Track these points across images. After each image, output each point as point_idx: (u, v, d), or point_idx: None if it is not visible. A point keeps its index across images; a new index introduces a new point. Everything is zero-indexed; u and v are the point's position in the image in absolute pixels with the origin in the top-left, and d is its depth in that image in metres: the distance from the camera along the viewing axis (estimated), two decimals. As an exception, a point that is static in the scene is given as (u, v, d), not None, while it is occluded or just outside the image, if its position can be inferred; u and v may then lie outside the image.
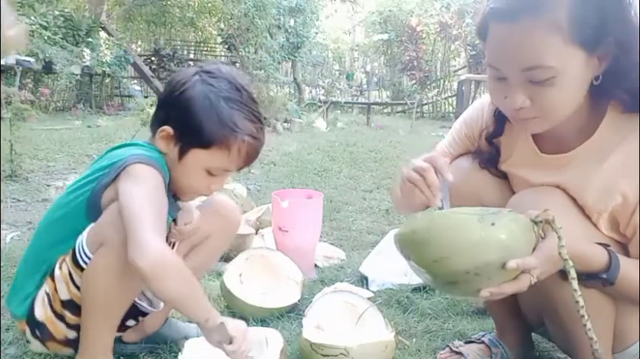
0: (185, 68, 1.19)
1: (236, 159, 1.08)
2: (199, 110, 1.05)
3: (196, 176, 1.10)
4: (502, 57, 0.92)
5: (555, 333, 1.19)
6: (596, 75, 0.92)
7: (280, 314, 1.55)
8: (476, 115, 1.21)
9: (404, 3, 12.62)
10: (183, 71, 1.11)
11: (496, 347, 1.29)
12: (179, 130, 1.07)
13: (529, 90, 0.91)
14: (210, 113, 1.04)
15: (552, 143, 1.06)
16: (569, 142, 1.02)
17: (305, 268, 1.81)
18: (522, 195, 1.06)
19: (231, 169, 1.11)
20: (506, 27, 0.89)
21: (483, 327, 1.50)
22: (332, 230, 2.55)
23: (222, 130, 1.05)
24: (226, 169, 1.11)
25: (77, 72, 7.67)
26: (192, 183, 1.12)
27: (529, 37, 0.86)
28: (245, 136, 1.06)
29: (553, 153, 1.06)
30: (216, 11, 9.84)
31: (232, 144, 1.06)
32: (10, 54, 2.32)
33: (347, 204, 3.11)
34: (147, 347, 1.30)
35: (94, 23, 8.75)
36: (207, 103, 1.05)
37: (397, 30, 12.27)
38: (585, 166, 1.00)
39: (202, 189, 1.14)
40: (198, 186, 1.13)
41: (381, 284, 1.80)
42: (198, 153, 1.07)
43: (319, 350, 1.22)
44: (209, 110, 1.04)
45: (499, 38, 0.91)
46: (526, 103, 0.92)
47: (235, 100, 1.07)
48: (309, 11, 9.51)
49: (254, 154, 1.10)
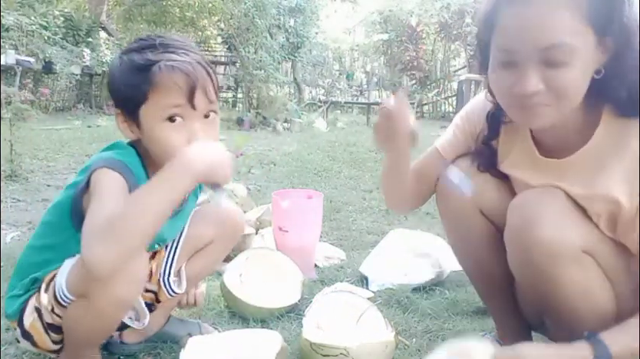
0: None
1: (174, 89, 1.00)
2: (117, 72, 1.04)
3: (162, 133, 1.01)
4: (517, 38, 0.90)
5: (557, 331, 1.19)
6: (598, 68, 0.92)
7: (280, 314, 1.55)
8: (477, 110, 1.20)
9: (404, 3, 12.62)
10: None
11: (496, 347, 1.29)
12: (121, 104, 1.05)
13: (542, 74, 0.90)
14: (125, 68, 1.02)
15: (550, 147, 1.06)
16: (566, 147, 1.02)
17: (305, 268, 1.81)
18: (524, 197, 1.05)
19: (180, 101, 1.00)
20: (522, 7, 0.89)
21: (483, 327, 1.49)
22: (332, 230, 2.55)
23: (141, 74, 1.00)
24: (176, 104, 1.00)
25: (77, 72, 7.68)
26: (167, 145, 1.02)
27: (549, 16, 0.87)
28: (162, 64, 0.99)
29: (551, 156, 1.06)
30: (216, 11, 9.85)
31: (157, 79, 0.99)
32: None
33: (347, 204, 3.11)
34: (148, 346, 1.30)
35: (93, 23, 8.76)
36: (120, 62, 1.04)
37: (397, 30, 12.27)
38: (582, 174, 1.00)
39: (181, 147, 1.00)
40: (175, 146, 1.00)
41: (381, 284, 1.80)
42: (144, 111, 1.02)
43: (319, 350, 1.22)
44: (124, 67, 1.03)
45: (515, 20, 0.90)
46: (540, 87, 0.90)
47: (144, 46, 1.03)
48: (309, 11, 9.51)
49: (187, 76, 1.00)
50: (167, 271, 1.24)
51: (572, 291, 1.00)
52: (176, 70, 1.00)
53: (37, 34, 7.21)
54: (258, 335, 1.27)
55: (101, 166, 1.00)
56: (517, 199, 1.06)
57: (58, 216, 1.09)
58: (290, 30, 9.36)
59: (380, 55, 13.51)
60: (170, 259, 1.24)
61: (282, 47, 8.90)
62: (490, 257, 1.21)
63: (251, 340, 1.23)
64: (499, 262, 1.13)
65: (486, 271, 1.26)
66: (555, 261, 0.98)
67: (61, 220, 1.08)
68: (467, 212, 1.20)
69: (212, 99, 1.05)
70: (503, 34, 0.93)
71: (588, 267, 0.99)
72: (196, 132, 1.02)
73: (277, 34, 8.86)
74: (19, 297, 1.12)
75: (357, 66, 14.41)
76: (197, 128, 1.02)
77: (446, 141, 1.25)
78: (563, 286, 1.00)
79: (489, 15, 0.96)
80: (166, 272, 1.24)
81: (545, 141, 1.07)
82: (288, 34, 9.34)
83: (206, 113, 1.05)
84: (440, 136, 1.29)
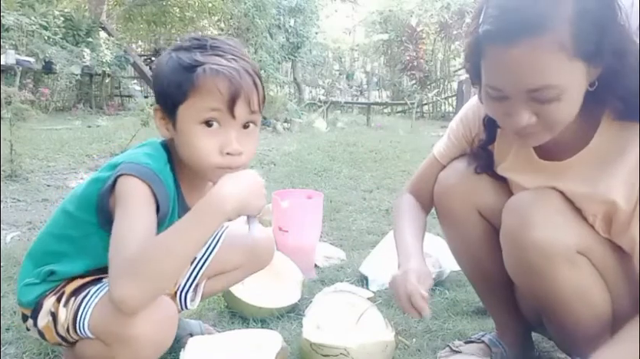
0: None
1: (215, 93, 0.96)
2: (163, 68, 1.01)
3: (196, 136, 0.98)
4: (504, 79, 0.89)
5: (555, 332, 1.19)
6: (592, 81, 0.91)
7: (280, 314, 1.55)
8: (472, 114, 1.20)
9: (404, 3, 12.61)
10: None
11: (496, 346, 1.29)
12: (162, 101, 1.02)
13: (533, 108, 0.89)
14: (171, 65, 1.00)
15: (549, 150, 1.06)
16: (565, 150, 1.02)
17: (305, 268, 1.81)
18: (519, 198, 1.06)
19: (220, 106, 0.97)
20: (505, 49, 0.85)
21: (483, 327, 1.50)
22: (332, 230, 2.55)
23: (185, 73, 0.97)
24: (215, 108, 0.97)
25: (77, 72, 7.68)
26: (199, 149, 0.99)
27: (534, 59, 0.83)
28: (207, 67, 0.97)
29: (549, 159, 1.06)
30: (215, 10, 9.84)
31: (200, 81, 0.96)
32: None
33: (347, 204, 3.11)
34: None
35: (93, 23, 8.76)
36: (168, 58, 1.01)
37: (397, 30, 12.26)
38: (581, 177, 1.00)
39: (213, 154, 0.98)
40: (207, 151, 0.98)
41: (381, 284, 1.80)
42: (182, 110, 0.98)
43: (319, 350, 1.22)
44: (170, 64, 1.00)
45: (500, 61, 0.87)
46: (532, 120, 0.90)
47: (195, 46, 1.01)
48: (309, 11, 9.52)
49: (230, 82, 0.97)
50: (187, 287, 1.24)
51: (567, 292, 1.01)
52: (221, 74, 0.96)
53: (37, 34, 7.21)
54: (259, 335, 1.27)
55: (130, 173, 0.96)
56: (512, 200, 1.07)
57: (83, 210, 1.06)
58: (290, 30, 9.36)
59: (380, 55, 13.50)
60: (193, 276, 1.24)
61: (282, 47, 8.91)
62: (489, 258, 1.21)
63: (251, 340, 1.23)
64: (498, 263, 1.13)
65: (484, 272, 1.26)
66: (549, 262, 0.98)
67: (85, 214, 1.05)
68: (466, 213, 1.20)
69: (255, 109, 1.00)
70: (491, 72, 0.91)
71: (583, 268, 1.00)
72: (230, 141, 0.98)
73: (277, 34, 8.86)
74: (35, 286, 1.09)
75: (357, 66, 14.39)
76: (232, 137, 0.98)
77: (443, 147, 1.26)
78: (558, 287, 1.01)
79: (472, 47, 0.94)
80: (185, 288, 1.23)
81: (544, 146, 1.07)
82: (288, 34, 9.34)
83: (245, 123, 1.01)
84: (441, 136, 1.29)
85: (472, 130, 1.20)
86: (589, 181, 0.99)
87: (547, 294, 1.04)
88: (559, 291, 1.01)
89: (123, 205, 0.95)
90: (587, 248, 0.99)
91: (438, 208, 1.26)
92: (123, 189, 0.96)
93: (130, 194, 0.96)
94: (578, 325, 1.02)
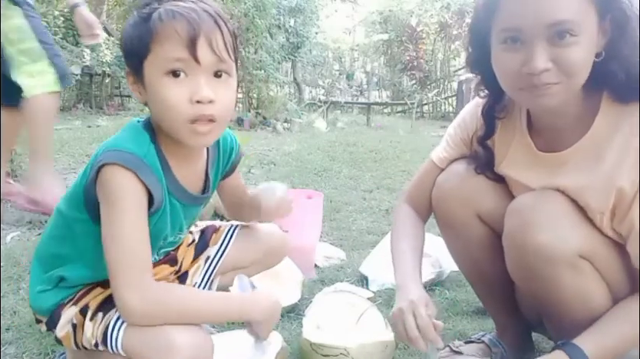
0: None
1: (174, 37, 0.89)
2: (126, 27, 0.97)
3: (163, 88, 0.91)
4: (523, 15, 0.89)
5: (555, 334, 1.19)
6: (598, 51, 0.93)
7: (280, 314, 1.55)
8: (470, 119, 1.20)
9: (404, 3, 12.60)
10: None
11: (496, 346, 1.29)
12: (128, 62, 0.97)
13: (550, 52, 0.89)
14: (132, 21, 0.95)
15: (549, 139, 1.05)
16: (565, 138, 1.02)
17: (305, 268, 1.81)
18: (522, 200, 1.05)
19: (181, 53, 0.90)
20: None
21: (483, 327, 1.49)
22: (332, 230, 2.55)
23: (144, 24, 0.91)
24: (178, 58, 0.90)
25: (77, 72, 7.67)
26: (167, 102, 0.91)
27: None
28: (162, 10, 0.90)
29: (550, 150, 1.05)
30: (215, 11, 9.83)
31: (158, 27, 0.90)
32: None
33: (347, 204, 3.11)
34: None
35: (94, 23, 8.72)
36: (130, 16, 0.97)
37: (397, 30, 12.25)
38: (584, 166, 0.99)
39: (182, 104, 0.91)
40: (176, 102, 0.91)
41: (381, 284, 1.80)
42: (147, 66, 0.92)
43: (319, 350, 1.22)
44: (131, 20, 0.96)
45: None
46: (549, 65, 0.90)
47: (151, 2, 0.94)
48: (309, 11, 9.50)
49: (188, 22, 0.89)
50: (202, 286, 1.24)
51: (568, 295, 1.01)
52: (177, 16, 0.89)
53: (37, 34, 7.20)
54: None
55: (113, 161, 0.90)
56: (515, 202, 1.06)
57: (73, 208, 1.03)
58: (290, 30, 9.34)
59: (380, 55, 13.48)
60: (208, 275, 1.25)
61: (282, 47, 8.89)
62: (488, 261, 1.21)
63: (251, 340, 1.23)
64: (498, 266, 1.13)
65: (484, 275, 1.26)
66: (551, 265, 0.98)
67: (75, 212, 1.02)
68: (464, 217, 1.20)
69: (222, 56, 0.92)
70: (508, 13, 0.92)
71: (585, 271, 0.99)
72: (200, 87, 0.90)
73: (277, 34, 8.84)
74: (48, 292, 1.06)
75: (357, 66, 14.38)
76: (201, 83, 0.91)
77: (442, 152, 1.25)
78: (560, 290, 1.00)
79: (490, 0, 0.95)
80: (201, 286, 1.24)
81: (543, 134, 1.06)
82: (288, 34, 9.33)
83: (216, 71, 0.93)
84: (440, 136, 1.29)
85: (469, 134, 1.20)
86: (593, 169, 0.98)
87: (548, 297, 1.04)
88: (561, 294, 1.01)
89: (110, 202, 0.91)
90: (590, 252, 0.99)
91: (437, 212, 1.25)
92: (107, 181, 0.91)
93: (116, 189, 0.91)
94: (578, 329, 1.02)
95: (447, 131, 1.28)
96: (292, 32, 9.38)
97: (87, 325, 1.01)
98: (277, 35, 8.84)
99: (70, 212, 1.04)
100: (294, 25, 9.36)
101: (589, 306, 1.01)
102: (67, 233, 1.06)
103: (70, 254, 1.06)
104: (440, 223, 1.27)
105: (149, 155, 0.96)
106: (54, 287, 1.07)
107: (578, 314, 1.02)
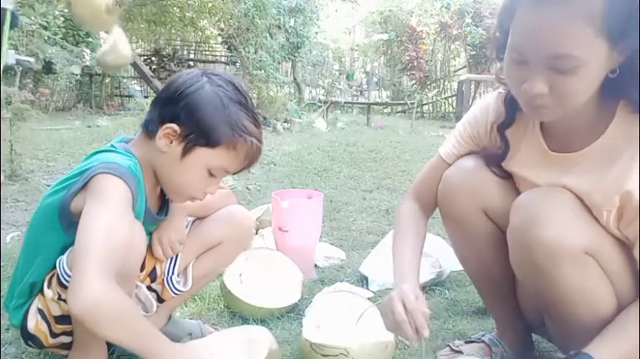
0: (187, 69, 1.20)
1: (239, 160, 1.09)
2: (211, 109, 1.05)
3: (196, 175, 1.09)
4: (528, 41, 0.90)
5: (557, 332, 1.19)
6: (613, 68, 0.92)
7: (280, 314, 1.55)
8: (480, 115, 1.20)
9: (404, 3, 12.60)
10: (188, 72, 1.12)
11: (496, 346, 1.29)
12: (187, 128, 1.06)
13: (549, 78, 0.90)
14: (221, 113, 1.06)
15: (561, 141, 1.05)
16: (578, 141, 1.02)
17: (305, 268, 1.81)
18: (528, 197, 1.05)
19: (231, 170, 1.11)
20: (537, 12, 0.88)
21: (483, 327, 1.49)
22: (332, 230, 2.55)
23: (231, 131, 1.06)
24: (227, 169, 1.11)
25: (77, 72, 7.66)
26: (189, 183, 1.11)
27: (561, 26, 0.86)
28: (252, 139, 1.08)
29: (561, 151, 1.05)
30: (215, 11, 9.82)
31: (238, 145, 1.07)
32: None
33: (347, 204, 3.11)
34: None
35: (93, 23, 8.72)
36: (218, 103, 1.06)
37: (397, 30, 12.24)
38: (594, 168, 0.99)
39: (198, 190, 1.12)
40: (195, 187, 1.11)
41: (381, 284, 1.80)
42: (204, 152, 1.07)
43: (319, 350, 1.22)
44: (220, 110, 1.06)
45: (528, 23, 0.90)
46: (544, 90, 0.91)
47: (242, 103, 1.09)
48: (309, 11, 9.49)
49: (255, 157, 1.12)
50: (170, 270, 1.25)
51: (572, 292, 1.00)
52: (254, 154, 1.11)
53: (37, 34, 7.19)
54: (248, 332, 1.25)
55: (108, 171, 0.98)
56: (521, 198, 1.06)
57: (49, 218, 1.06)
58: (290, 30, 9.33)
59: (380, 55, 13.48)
60: (173, 261, 1.26)
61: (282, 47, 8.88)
62: (492, 258, 1.21)
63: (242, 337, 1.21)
64: (501, 263, 1.13)
65: (487, 271, 1.26)
66: (556, 261, 0.98)
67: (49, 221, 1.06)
68: (470, 212, 1.20)
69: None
70: (517, 33, 0.93)
71: (590, 268, 0.99)
72: (217, 187, 1.15)
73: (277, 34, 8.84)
74: (23, 305, 1.11)
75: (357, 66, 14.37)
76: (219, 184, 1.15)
77: (450, 147, 1.25)
78: (564, 287, 1.00)
79: (506, 9, 0.95)
80: (170, 271, 1.25)
81: (556, 135, 1.06)
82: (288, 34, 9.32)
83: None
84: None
85: (479, 131, 1.20)
86: (602, 172, 0.97)
87: (551, 294, 1.03)
88: (564, 291, 1.01)
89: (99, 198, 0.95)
90: (595, 249, 0.98)
91: (442, 206, 1.25)
92: (99, 183, 0.97)
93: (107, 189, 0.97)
94: (581, 326, 1.02)
95: (455, 127, 1.28)
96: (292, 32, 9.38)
97: (46, 292, 1.05)
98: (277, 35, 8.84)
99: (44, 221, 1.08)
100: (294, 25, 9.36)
101: (593, 303, 1.01)
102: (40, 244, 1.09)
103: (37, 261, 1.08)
104: (445, 218, 1.27)
105: (137, 173, 1.06)
106: (27, 299, 1.10)
107: (582, 312, 1.02)
